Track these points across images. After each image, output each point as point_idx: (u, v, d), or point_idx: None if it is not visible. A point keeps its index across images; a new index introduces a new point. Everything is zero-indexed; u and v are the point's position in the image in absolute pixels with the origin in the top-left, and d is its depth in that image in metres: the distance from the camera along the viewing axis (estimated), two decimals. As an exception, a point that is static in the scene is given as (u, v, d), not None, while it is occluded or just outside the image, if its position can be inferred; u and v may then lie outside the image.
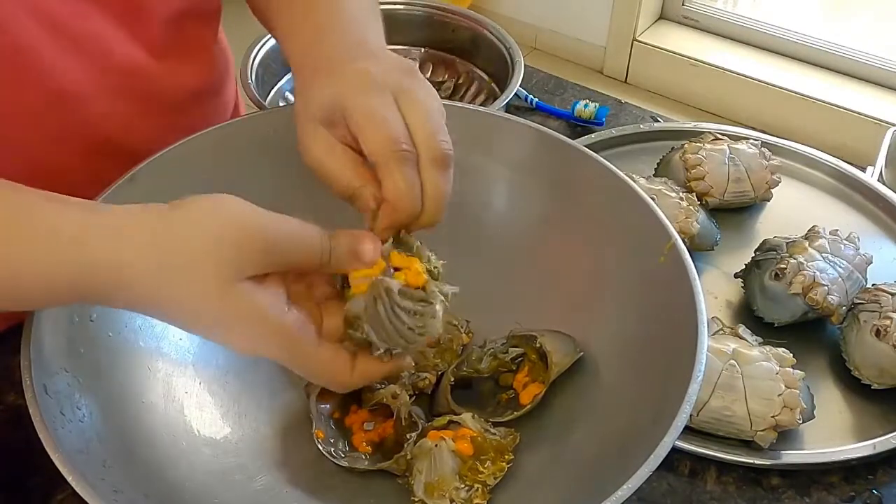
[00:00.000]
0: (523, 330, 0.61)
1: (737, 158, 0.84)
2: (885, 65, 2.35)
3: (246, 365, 0.61)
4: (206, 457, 0.55)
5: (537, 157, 0.65)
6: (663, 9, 2.63)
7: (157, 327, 0.58)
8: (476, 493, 0.54)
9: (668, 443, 0.46)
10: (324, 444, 0.57)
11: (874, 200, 0.87)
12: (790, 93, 2.36)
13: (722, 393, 0.64)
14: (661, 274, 0.56)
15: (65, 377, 0.50)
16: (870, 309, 0.70)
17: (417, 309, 0.47)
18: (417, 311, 0.47)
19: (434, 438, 0.55)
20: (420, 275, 0.48)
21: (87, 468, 0.45)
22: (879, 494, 0.63)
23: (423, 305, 0.47)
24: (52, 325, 0.51)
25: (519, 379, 0.61)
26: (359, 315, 0.47)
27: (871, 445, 0.64)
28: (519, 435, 0.57)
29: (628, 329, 0.59)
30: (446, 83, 0.99)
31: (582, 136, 0.90)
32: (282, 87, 0.95)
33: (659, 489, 0.62)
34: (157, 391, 0.56)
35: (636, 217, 0.59)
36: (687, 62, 2.50)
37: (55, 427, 0.46)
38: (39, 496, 0.59)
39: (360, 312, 0.47)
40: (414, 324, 0.47)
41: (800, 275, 0.71)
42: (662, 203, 0.75)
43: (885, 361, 0.68)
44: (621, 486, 0.44)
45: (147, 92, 0.66)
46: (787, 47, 2.48)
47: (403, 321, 0.46)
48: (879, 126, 2.16)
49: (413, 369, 0.60)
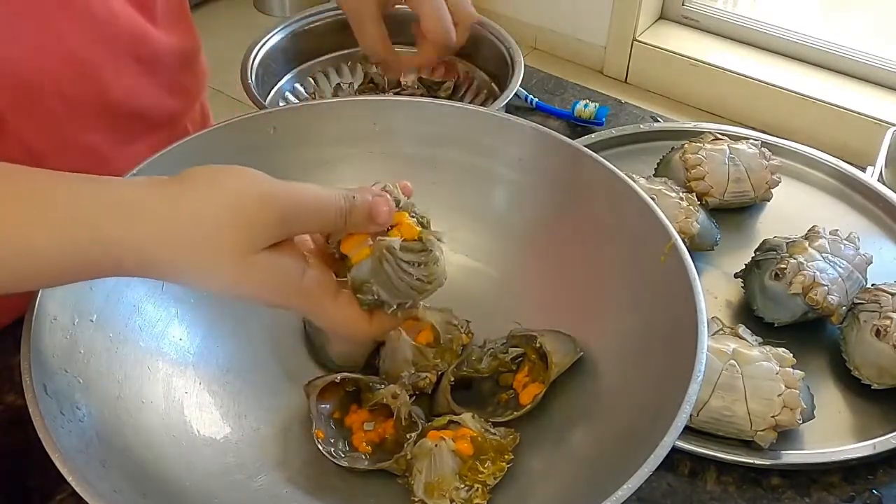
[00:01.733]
0: (523, 330, 0.61)
1: (737, 158, 0.84)
2: (885, 65, 2.35)
3: (246, 365, 0.61)
4: (206, 457, 0.55)
5: (537, 157, 0.65)
6: (663, 9, 2.63)
7: (156, 327, 0.58)
8: (476, 493, 0.54)
9: (668, 443, 0.46)
10: (324, 444, 0.57)
11: (874, 200, 0.86)
12: (790, 93, 2.36)
13: (722, 393, 0.63)
14: (661, 274, 0.56)
15: (65, 377, 0.50)
16: (870, 309, 0.70)
17: (420, 259, 0.49)
18: (420, 261, 0.49)
19: (434, 438, 0.55)
20: (413, 227, 0.50)
21: (87, 468, 0.45)
22: (879, 494, 0.63)
23: (425, 255, 0.49)
24: (52, 325, 0.51)
25: (519, 379, 0.61)
26: (366, 280, 0.49)
27: (871, 445, 0.64)
28: (519, 435, 0.57)
29: (628, 329, 0.59)
30: (446, 83, 0.99)
31: (582, 136, 0.90)
32: (282, 87, 0.95)
33: (659, 489, 0.62)
34: (157, 391, 0.56)
35: (636, 217, 0.59)
36: (687, 62, 2.50)
37: (55, 427, 0.46)
38: (39, 496, 0.59)
39: (366, 277, 0.49)
40: (420, 274, 0.49)
41: (800, 275, 0.71)
42: (662, 203, 0.75)
43: (885, 361, 0.68)
44: (621, 486, 0.44)
45: (149, 55, 0.70)
46: (787, 47, 2.48)
47: (411, 274, 0.49)
48: (879, 126, 2.16)
49: (413, 369, 0.60)
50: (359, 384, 0.60)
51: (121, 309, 0.56)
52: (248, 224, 0.44)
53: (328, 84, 0.98)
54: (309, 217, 0.47)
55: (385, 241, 0.48)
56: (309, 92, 0.97)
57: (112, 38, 0.66)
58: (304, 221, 0.47)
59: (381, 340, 0.62)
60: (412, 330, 0.62)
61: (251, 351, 0.62)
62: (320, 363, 0.63)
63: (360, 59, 0.99)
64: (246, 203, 0.44)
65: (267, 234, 0.45)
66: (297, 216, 0.46)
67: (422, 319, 0.63)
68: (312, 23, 0.96)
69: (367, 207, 0.48)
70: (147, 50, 0.70)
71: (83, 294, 0.54)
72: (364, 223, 0.49)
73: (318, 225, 0.48)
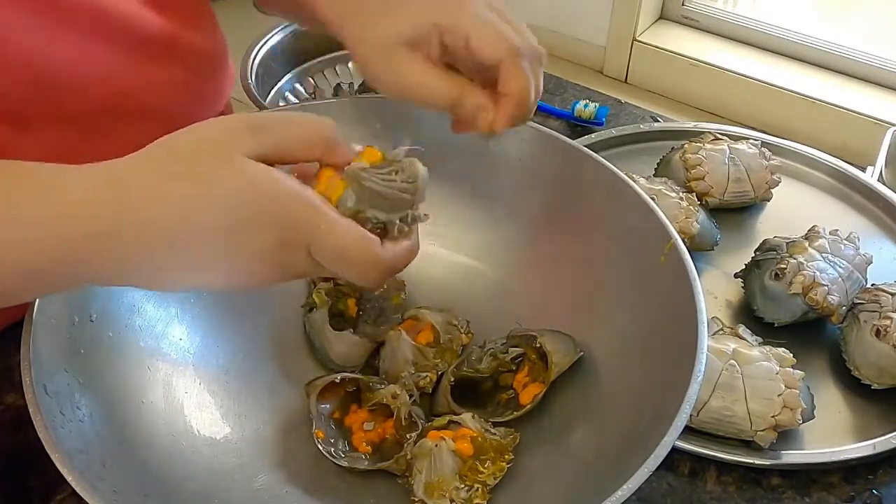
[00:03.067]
0: (523, 330, 0.61)
1: (737, 158, 0.84)
2: (885, 65, 2.35)
3: (246, 365, 0.61)
4: (206, 457, 0.55)
5: (537, 157, 0.65)
6: (663, 9, 2.63)
7: (156, 327, 0.58)
8: (476, 493, 0.54)
9: (668, 443, 0.46)
10: (324, 444, 0.57)
11: (874, 200, 0.87)
12: (790, 93, 2.36)
13: (722, 393, 0.64)
14: (661, 274, 0.56)
15: (65, 377, 0.50)
16: (870, 309, 0.70)
17: (395, 167, 0.47)
18: (396, 168, 0.47)
19: (434, 438, 0.55)
20: (375, 152, 0.48)
21: (87, 468, 0.45)
22: (879, 494, 0.63)
23: (398, 164, 0.47)
24: (52, 325, 0.51)
25: (519, 379, 0.61)
26: (355, 209, 0.45)
27: (871, 445, 0.64)
28: (519, 435, 0.57)
29: (628, 329, 0.59)
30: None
31: (582, 136, 0.90)
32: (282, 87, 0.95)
33: (659, 489, 0.62)
34: (157, 391, 0.56)
35: (636, 217, 0.59)
36: (687, 62, 2.50)
37: (55, 427, 0.46)
38: (39, 496, 0.59)
39: (354, 205, 0.45)
40: (403, 177, 0.47)
41: (800, 275, 0.71)
42: (662, 203, 0.75)
43: (885, 361, 0.68)
44: (621, 486, 0.44)
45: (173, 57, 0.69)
46: (787, 47, 2.48)
47: (394, 179, 0.46)
48: (879, 126, 2.16)
49: (413, 369, 0.60)
50: (359, 384, 0.60)
51: (121, 309, 0.56)
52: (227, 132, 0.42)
53: (328, 84, 0.98)
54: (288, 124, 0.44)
55: (355, 164, 0.46)
56: (309, 92, 0.97)
57: (136, 38, 0.65)
58: (281, 128, 0.44)
59: (381, 340, 0.62)
60: (412, 330, 0.63)
61: (251, 351, 0.62)
62: (320, 363, 0.63)
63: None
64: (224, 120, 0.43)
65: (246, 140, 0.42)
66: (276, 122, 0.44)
67: (422, 319, 0.63)
68: (312, 23, 0.96)
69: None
70: (171, 52, 0.69)
71: (83, 294, 0.54)
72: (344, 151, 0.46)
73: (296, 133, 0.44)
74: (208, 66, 0.75)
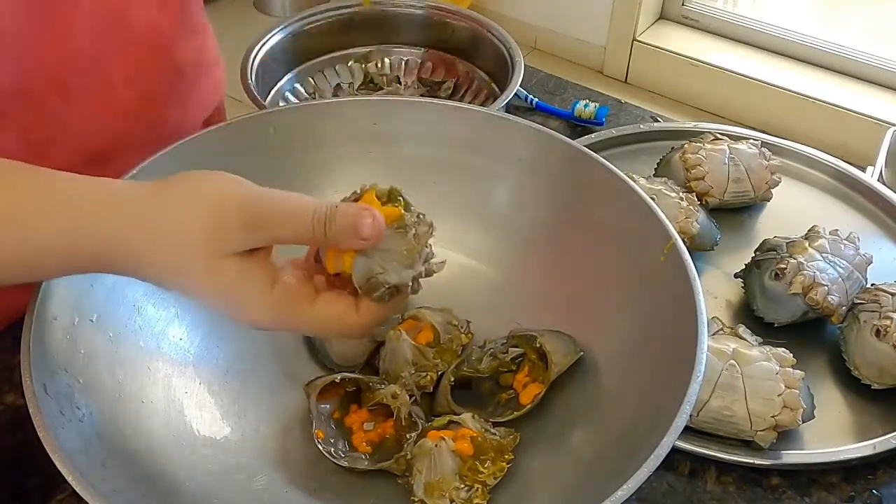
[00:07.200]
0: (523, 330, 0.61)
1: (737, 158, 0.84)
2: (885, 65, 2.35)
3: (246, 364, 0.61)
4: (206, 457, 0.55)
5: (537, 157, 0.65)
6: (663, 9, 2.63)
7: (156, 327, 0.58)
8: (476, 493, 0.54)
9: (668, 443, 0.46)
10: (324, 444, 0.57)
11: (874, 200, 0.87)
12: (790, 93, 2.36)
13: (722, 393, 0.64)
14: (661, 274, 0.56)
15: (65, 377, 0.50)
16: (870, 309, 0.70)
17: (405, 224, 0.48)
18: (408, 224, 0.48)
19: (434, 438, 0.55)
20: (392, 209, 0.48)
21: (87, 468, 0.45)
22: (879, 494, 0.63)
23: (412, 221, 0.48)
24: (52, 325, 0.51)
25: (519, 379, 0.61)
26: (371, 273, 0.47)
27: (871, 445, 0.64)
28: (519, 435, 0.57)
29: (628, 329, 0.59)
30: (446, 83, 0.99)
31: (582, 136, 0.90)
32: (282, 87, 0.95)
33: (659, 489, 0.62)
34: (157, 391, 0.56)
35: (636, 217, 0.59)
36: (687, 62, 2.50)
37: (55, 427, 0.46)
38: (39, 496, 0.59)
39: (370, 268, 0.47)
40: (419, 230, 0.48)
41: (800, 275, 0.71)
42: (662, 203, 0.75)
43: (885, 361, 0.68)
44: (621, 486, 0.44)
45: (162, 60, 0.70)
46: (787, 47, 2.48)
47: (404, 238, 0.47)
48: (879, 126, 2.16)
49: (413, 369, 0.60)
50: (359, 384, 0.60)
51: (121, 309, 0.56)
52: (218, 225, 0.44)
53: (328, 84, 0.98)
54: (283, 221, 0.45)
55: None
56: (309, 92, 0.97)
57: (124, 37, 0.65)
58: (278, 226, 0.45)
59: (381, 340, 0.62)
60: (412, 330, 0.62)
61: (251, 351, 0.62)
62: (320, 363, 0.63)
63: (360, 58, 0.99)
64: (219, 204, 0.44)
65: (238, 238, 0.44)
66: (271, 219, 0.45)
67: (422, 319, 0.63)
68: (312, 23, 0.96)
69: (349, 218, 0.45)
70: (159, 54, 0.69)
71: (83, 294, 0.54)
72: (347, 236, 0.46)
73: (292, 230, 0.45)
74: (199, 71, 0.76)
